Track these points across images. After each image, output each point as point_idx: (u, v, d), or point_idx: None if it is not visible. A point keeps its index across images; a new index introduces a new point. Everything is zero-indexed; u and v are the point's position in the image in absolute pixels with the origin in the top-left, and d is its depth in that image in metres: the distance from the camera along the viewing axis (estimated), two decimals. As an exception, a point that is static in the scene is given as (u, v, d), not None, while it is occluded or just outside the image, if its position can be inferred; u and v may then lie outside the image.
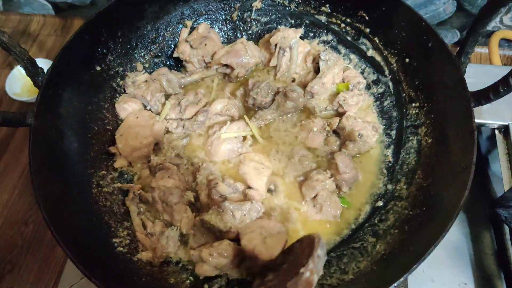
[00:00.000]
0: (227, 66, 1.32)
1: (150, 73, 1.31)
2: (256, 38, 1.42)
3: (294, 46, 1.30)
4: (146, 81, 1.26)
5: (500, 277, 1.17)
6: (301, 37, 1.34)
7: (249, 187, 1.11)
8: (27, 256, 1.34)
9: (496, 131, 1.32)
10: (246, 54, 1.29)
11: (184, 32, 1.35)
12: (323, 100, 1.24)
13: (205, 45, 1.31)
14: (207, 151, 1.20)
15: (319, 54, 1.27)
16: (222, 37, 1.41)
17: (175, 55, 1.33)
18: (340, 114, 1.22)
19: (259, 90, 1.21)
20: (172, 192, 1.05)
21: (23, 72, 1.43)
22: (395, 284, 0.76)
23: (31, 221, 1.41)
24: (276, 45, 1.30)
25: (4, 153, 1.52)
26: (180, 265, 1.03)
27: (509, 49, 1.65)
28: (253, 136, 1.21)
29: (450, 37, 1.71)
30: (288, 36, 1.29)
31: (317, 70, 1.30)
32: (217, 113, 1.24)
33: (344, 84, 1.25)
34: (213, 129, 1.21)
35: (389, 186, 1.13)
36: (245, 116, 1.22)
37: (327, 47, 1.36)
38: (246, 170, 1.13)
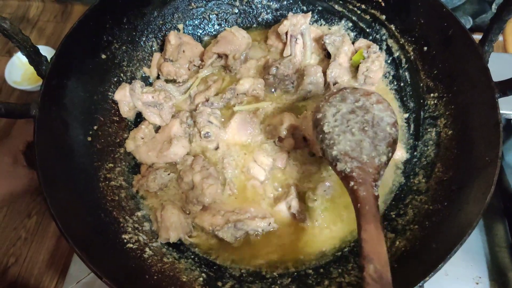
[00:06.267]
0: (220, 57, 1.27)
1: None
2: (267, 26, 1.36)
3: (305, 32, 1.25)
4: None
5: (515, 270, 1.15)
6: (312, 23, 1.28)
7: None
8: (31, 248, 1.32)
9: (512, 122, 1.29)
10: (235, 37, 1.24)
11: (156, 56, 1.28)
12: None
13: (184, 52, 1.26)
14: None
15: (322, 39, 1.22)
16: (230, 26, 1.35)
17: (163, 78, 1.26)
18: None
19: (281, 64, 1.18)
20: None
21: (23, 59, 1.37)
22: (420, 284, 0.74)
23: (34, 212, 1.39)
24: (286, 33, 1.25)
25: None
26: (190, 260, 1.01)
27: (523, 36, 1.60)
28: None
29: (463, 23, 1.66)
30: (298, 22, 1.23)
31: (328, 56, 1.25)
32: (244, 92, 1.21)
33: (357, 53, 1.19)
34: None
35: (404, 179, 1.10)
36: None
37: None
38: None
